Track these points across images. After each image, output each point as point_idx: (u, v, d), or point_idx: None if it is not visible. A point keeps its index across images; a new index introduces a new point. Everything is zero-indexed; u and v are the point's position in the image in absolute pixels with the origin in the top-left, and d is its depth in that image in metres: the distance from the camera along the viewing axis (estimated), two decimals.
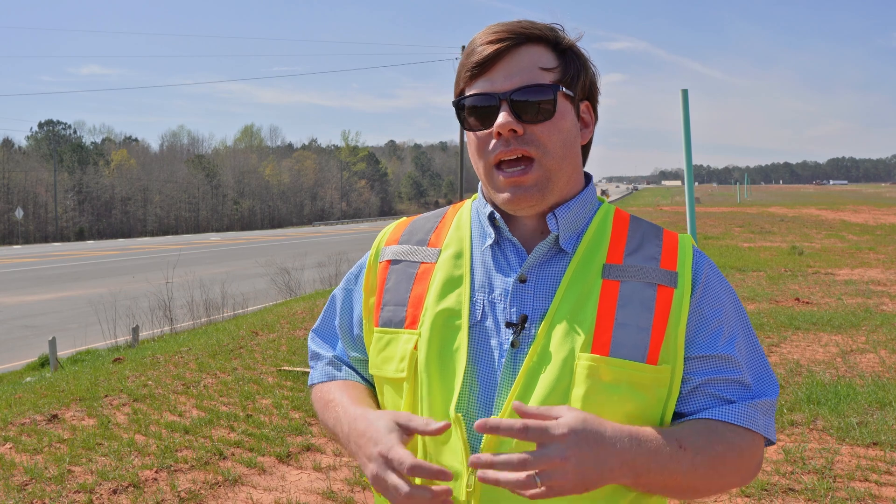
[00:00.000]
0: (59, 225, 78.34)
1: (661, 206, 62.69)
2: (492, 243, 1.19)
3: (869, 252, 17.93)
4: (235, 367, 7.33)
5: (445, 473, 0.98)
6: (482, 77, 1.14)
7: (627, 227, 1.21)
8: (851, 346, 7.20)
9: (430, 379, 1.12)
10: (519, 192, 1.13)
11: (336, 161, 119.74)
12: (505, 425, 0.96)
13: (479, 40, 1.15)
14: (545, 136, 1.13)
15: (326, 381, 1.32)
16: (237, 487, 4.29)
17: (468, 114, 1.16)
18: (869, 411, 5.12)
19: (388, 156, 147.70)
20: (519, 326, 1.12)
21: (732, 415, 1.11)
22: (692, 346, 1.13)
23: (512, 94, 1.11)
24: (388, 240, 1.29)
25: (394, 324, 1.19)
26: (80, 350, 11.10)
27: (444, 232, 1.26)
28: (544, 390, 1.07)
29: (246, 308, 14.31)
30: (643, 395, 1.09)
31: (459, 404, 1.10)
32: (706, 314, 1.15)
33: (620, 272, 1.14)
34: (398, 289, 1.22)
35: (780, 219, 34.49)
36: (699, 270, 1.17)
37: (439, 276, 1.19)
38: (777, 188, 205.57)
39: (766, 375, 1.18)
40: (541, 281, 1.15)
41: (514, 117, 1.11)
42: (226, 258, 31.77)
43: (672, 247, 1.19)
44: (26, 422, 5.64)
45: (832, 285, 11.93)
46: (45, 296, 19.31)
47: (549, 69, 1.14)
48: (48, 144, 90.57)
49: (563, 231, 1.16)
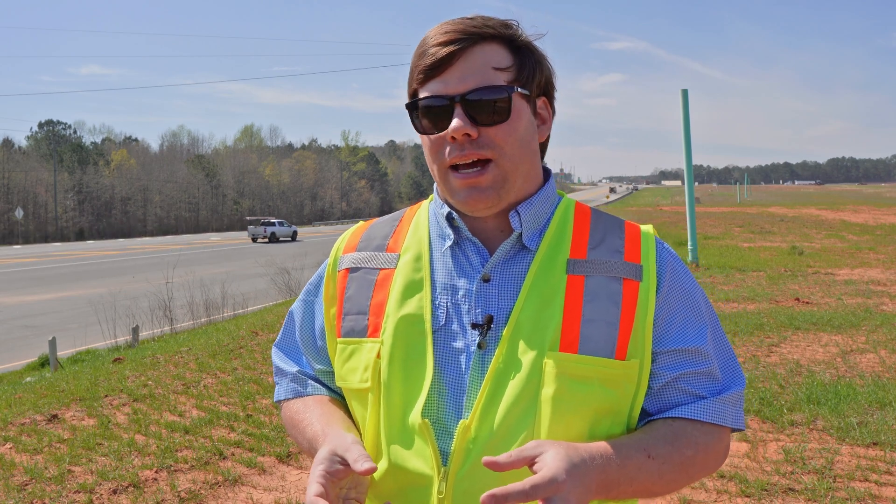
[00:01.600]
0: (59, 225, 78.32)
1: (661, 206, 62.68)
2: (452, 244, 1.17)
3: (869, 252, 17.93)
4: (235, 367, 7.33)
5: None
6: (435, 79, 1.10)
7: (589, 220, 1.19)
8: (851, 346, 7.19)
9: (394, 387, 1.10)
10: (475, 193, 1.10)
11: (336, 161, 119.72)
12: (515, 492, 0.91)
13: (430, 40, 1.11)
14: (501, 138, 1.10)
15: (292, 399, 1.28)
16: (237, 487, 4.29)
17: (421, 116, 1.13)
18: (869, 411, 5.12)
19: (388, 156, 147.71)
20: (485, 327, 1.09)
21: (702, 412, 1.11)
22: (662, 340, 1.12)
23: (465, 96, 1.08)
24: (346, 247, 1.26)
25: (356, 333, 1.16)
26: (80, 350, 11.11)
27: (402, 235, 1.23)
28: (514, 391, 1.06)
29: (246, 308, 14.31)
30: (612, 392, 1.08)
31: (427, 410, 1.08)
32: (674, 307, 1.14)
33: (585, 267, 1.12)
34: (358, 297, 1.18)
35: (780, 219, 34.49)
36: (664, 263, 1.15)
37: (399, 282, 1.16)
38: (777, 188, 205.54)
39: (734, 366, 1.18)
40: (505, 280, 1.12)
41: (469, 120, 1.08)
42: (226, 258, 31.76)
43: (635, 239, 1.16)
44: (26, 422, 5.64)
45: (832, 285, 11.93)
46: (45, 296, 19.31)
47: (503, 69, 1.11)
48: (48, 144, 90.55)
49: (526, 228, 1.14)
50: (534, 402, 1.05)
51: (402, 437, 1.09)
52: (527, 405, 1.05)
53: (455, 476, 1.05)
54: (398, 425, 1.09)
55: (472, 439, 1.05)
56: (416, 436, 1.07)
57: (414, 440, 1.08)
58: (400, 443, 1.09)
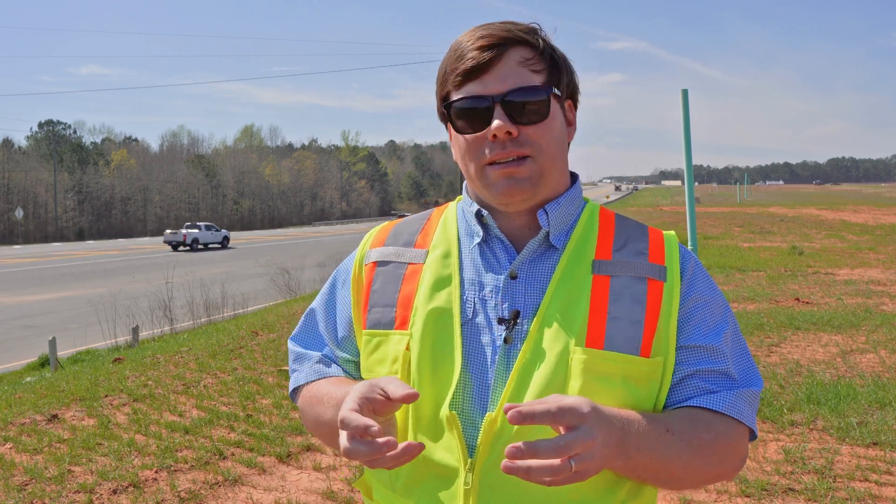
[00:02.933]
0: (59, 225, 78.33)
1: (661, 206, 62.69)
2: (480, 241, 1.19)
3: (869, 252, 17.93)
4: (235, 367, 7.33)
5: (371, 427, 0.95)
6: (473, 81, 1.13)
7: (614, 224, 1.22)
8: (851, 346, 7.19)
9: (423, 379, 1.11)
10: (512, 183, 1.13)
11: (336, 161, 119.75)
12: (540, 410, 0.92)
13: (468, 44, 1.14)
14: (538, 137, 1.13)
15: (316, 380, 1.27)
16: (237, 487, 4.29)
17: (457, 117, 1.15)
18: (869, 411, 5.12)
19: (388, 156, 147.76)
20: (511, 322, 1.11)
21: (717, 403, 1.12)
22: (680, 336, 1.14)
23: (505, 96, 1.11)
24: (374, 242, 1.28)
25: (383, 325, 1.18)
26: (80, 350, 11.11)
27: (431, 233, 1.25)
28: (539, 385, 1.07)
29: (246, 308, 14.31)
30: (637, 389, 1.09)
31: (454, 402, 1.09)
32: (694, 306, 1.16)
33: (610, 267, 1.14)
34: (385, 290, 1.20)
35: (780, 219, 34.50)
36: (686, 265, 1.18)
37: (428, 276, 1.18)
38: (777, 188, 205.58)
39: (751, 368, 1.19)
40: (531, 277, 1.15)
41: (509, 119, 1.11)
42: (226, 258, 31.77)
43: (658, 243, 1.19)
44: (26, 422, 5.64)
45: (832, 285, 11.93)
46: (45, 296, 19.31)
47: (537, 70, 1.15)
48: (48, 144, 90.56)
49: (553, 227, 1.17)
50: None
51: (429, 429, 1.10)
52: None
53: (481, 468, 1.06)
54: (427, 418, 1.11)
55: (499, 431, 1.06)
56: (444, 428, 1.09)
57: (441, 432, 1.09)
58: (427, 435, 1.10)
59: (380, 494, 1.17)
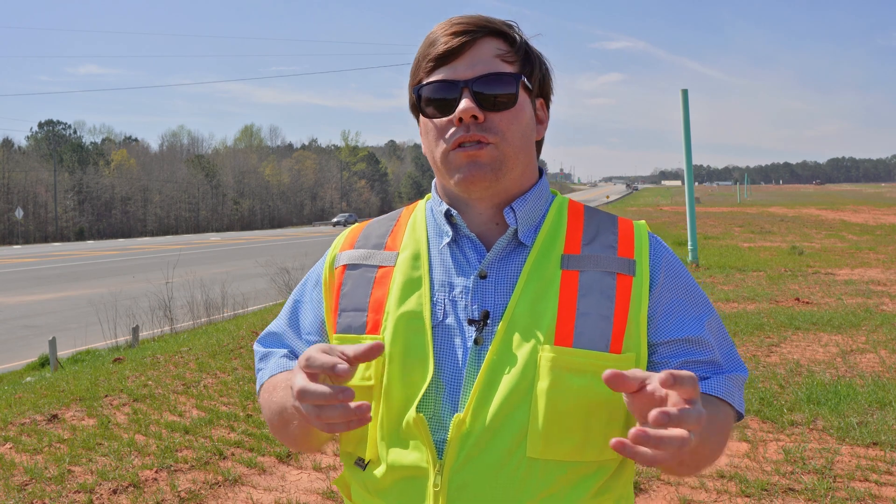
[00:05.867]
0: (59, 225, 78.32)
1: (661, 205, 62.68)
2: (449, 241, 1.18)
3: (869, 252, 17.92)
4: (235, 367, 7.33)
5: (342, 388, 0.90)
6: (444, 66, 1.14)
7: (582, 217, 1.22)
8: (851, 346, 7.19)
9: (395, 383, 1.11)
10: (474, 168, 1.12)
11: (336, 161, 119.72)
12: (680, 375, 0.85)
13: (440, 32, 1.15)
14: (504, 125, 1.13)
15: (279, 373, 1.24)
16: (237, 487, 4.29)
17: (426, 103, 1.15)
18: (869, 411, 5.12)
19: (388, 156, 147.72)
20: (481, 323, 1.11)
21: (713, 388, 1.12)
22: (661, 331, 1.14)
23: (474, 81, 1.11)
24: (343, 245, 1.27)
25: (353, 330, 1.17)
26: (80, 350, 11.10)
27: (400, 234, 1.24)
28: (508, 385, 1.07)
29: (246, 308, 14.31)
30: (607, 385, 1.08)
31: (424, 405, 1.09)
32: (671, 299, 1.15)
33: (579, 262, 1.14)
34: (356, 294, 1.19)
35: (780, 219, 34.49)
36: (657, 257, 1.17)
37: (398, 279, 1.17)
38: (777, 188, 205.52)
39: (734, 355, 1.19)
40: (501, 276, 1.14)
41: (476, 104, 1.11)
42: (226, 258, 31.77)
43: (628, 235, 1.19)
44: (26, 422, 5.64)
45: (832, 285, 11.92)
46: (45, 296, 19.31)
47: (508, 61, 1.15)
48: (48, 144, 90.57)
49: (521, 224, 1.16)
50: (528, 395, 1.07)
51: (399, 433, 1.10)
52: (521, 398, 1.07)
53: (450, 469, 1.07)
54: (396, 422, 1.11)
55: (466, 432, 1.07)
56: (412, 431, 1.09)
57: (410, 436, 1.09)
58: (397, 438, 1.10)
59: (357, 495, 1.17)
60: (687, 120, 14.96)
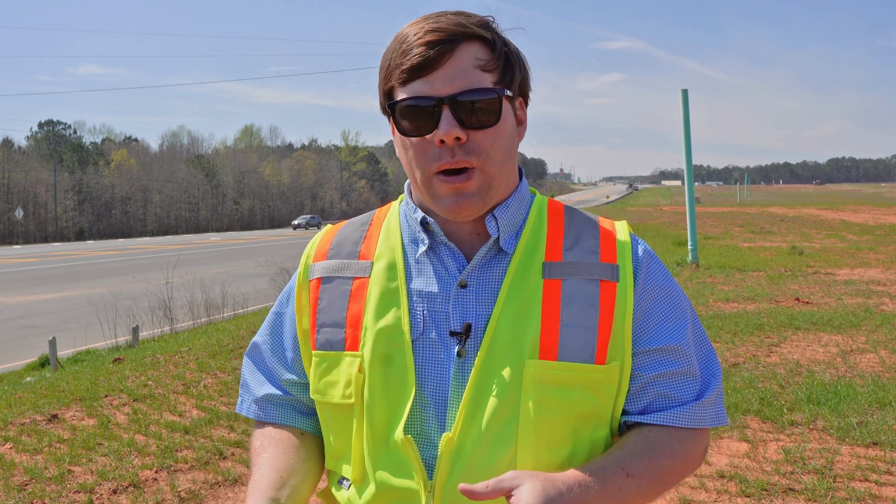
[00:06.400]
0: (59, 225, 78.30)
1: (661, 205, 62.68)
2: (426, 249, 1.14)
3: (869, 252, 17.92)
4: (235, 367, 7.33)
5: None
6: (419, 79, 1.05)
7: (563, 220, 1.17)
8: (851, 346, 7.19)
9: (378, 401, 1.08)
10: (461, 199, 1.07)
11: (336, 161, 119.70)
12: (491, 494, 0.95)
13: (413, 38, 1.06)
14: (488, 144, 1.06)
15: (259, 426, 1.26)
16: (237, 487, 4.29)
17: (402, 116, 1.07)
18: (869, 411, 5.12)
19: (388, 156, 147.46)
20: (463, 335, 1.07)
21: (681, 419, 1.11)
22: (640, 340, 1.11)
23: (455, 97, 1.04)
24: (316, 255, 1.22)
25: (332, 346, 1.13)
26: (80, 350, 11.10)
27: (374, 241, 1.19)
28: (495, 402, 1.05)
29: (246, 308, 14.31)
30: (594, 396, 1.07)
31: (410, 424, 1.07)
32: (652, 305, 1.12)
33: (561, 270, 1.10)
34: (332, 309, 1.15)
35: (780, 219, 34.48)
36: (639, 261, 1.14)
37: (375, 292, 1.13)
38: (777, 188, 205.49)
39: (712, 360, 1.17)
40: (482, 285, 1.10)
41: (457, 123, 1.04)
42: (226, 258, 31.77)
43: (610, 238, 1.15)
44: (26, 422, 5.64)
45: (832, 285, 11.92)
46: (45, 296, 19.31)
47: (488, 70, 1.07)
48: (48, 144, 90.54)
49: (502, 231, 1.12)
50: (515, 412, 1.05)
51: (386, 454, 1.08)
52: (509, 415, 1.05)
53: (442, 489, 1.04)
54: (382, 442, 1.08)
55: (456, 451, 1.05)
56: (401, 452, 1.06)
57: (399, 457, 1.06)
58: (385, 460, 1.07)
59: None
60: (687, 120, 14.95)
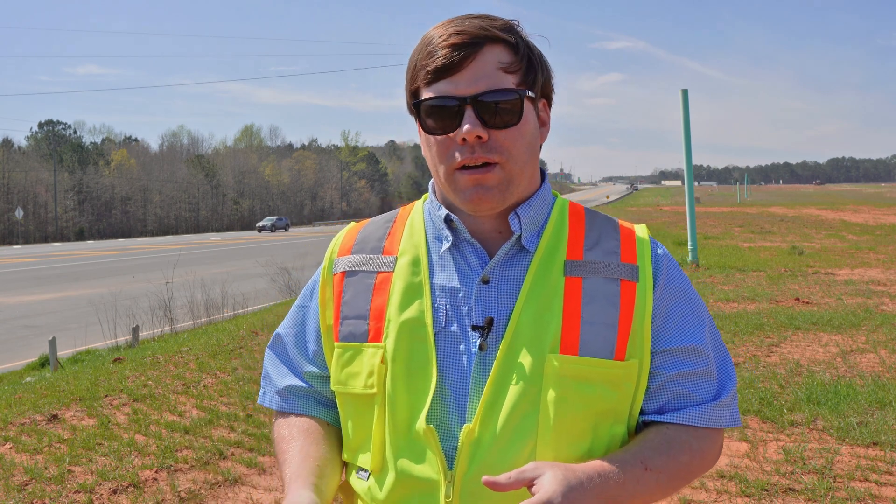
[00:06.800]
0: (59, 225, 78.31)
1: (661, 205, 62.68)
2: (450, 246, 1.17)
3: (869, 252, 17.92)
4: (235, 367, 7.33)
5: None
6: (444, 79, 1.09)
7: (584, 221, 1.20)
8: (851, 346, 7.19)
9: (399, 392, 1.10)
10: (481, 191, 1.10)
11: (336, 161, 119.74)
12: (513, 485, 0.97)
13: (439, 41, 1.10)
14: (510, 143, 1.10)
15: (278, 417, 1.30)
16: (237, 487, 4.29)
17: (426, 115, 1.12)
18: (869, 411, 5.12)
19: (388, 156, 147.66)
20: (485, 329, 1.10)
21: (699, 418, 1.13)
22: (660, 339, 1.13)
23: (477, 97, 1.08)
24: (341, 250, 1.25)
25: (355, 337, 1.16)
26: (80, 350, 11.11)
27: (398, 238, 1.22)
28: (516, 394, 1.07)
29: (246, 308, 14.31)
30: (613, 392, 1.09)
31: (431, 415, 1.09)
32: (671, 306, 1.15)
33: (582, 269, 1.13)
34: (357, 301, 1.18)
35: (780, 219, 34.48)
36: (659, 263, 1.17)
37: (398, 285, 1.16)
38: (777, 188, 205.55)
39: (727, 362, 1.20)
40: (504, 281, 1.13)
41: (480, 122, 1.08)
42: (226, 258, 31.77)
43: (630, 240, 1.18)
44: (26, 422, 5.64)
45: (832, 285, 11.92)
46: (45, 296, 19.31)
47: (511, 72, 1.11)
48: (48, 144, 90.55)
49: (525, 229, 1.15)
50: (535, 405, 1.07)
51: (407, 443, 1.10)
52: (529, 408, 1.07)
53: (461, 480, 1.06)
54: (404, 432, 1.10)
55: (476, 442, 1.07)
56: (422, 442, 1.08)
57: (420, 446, 1.09)
58: (406, 449, 1.10)
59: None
60: (687, 120, 14.95)
